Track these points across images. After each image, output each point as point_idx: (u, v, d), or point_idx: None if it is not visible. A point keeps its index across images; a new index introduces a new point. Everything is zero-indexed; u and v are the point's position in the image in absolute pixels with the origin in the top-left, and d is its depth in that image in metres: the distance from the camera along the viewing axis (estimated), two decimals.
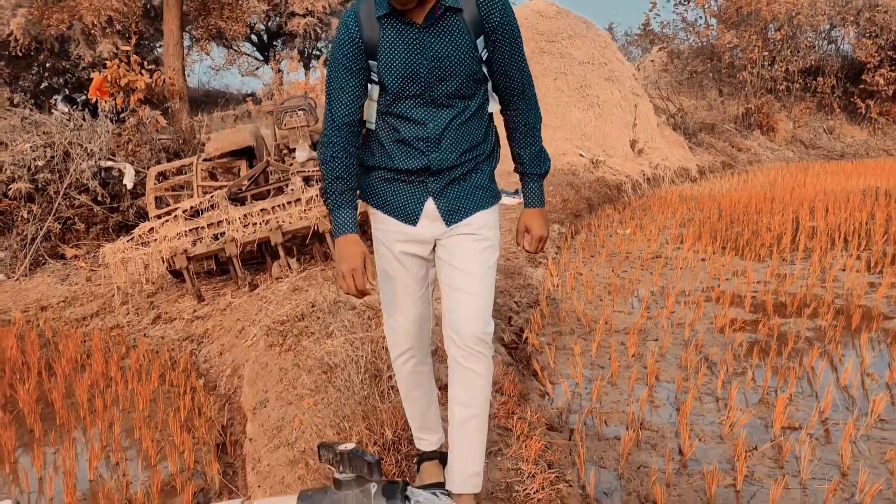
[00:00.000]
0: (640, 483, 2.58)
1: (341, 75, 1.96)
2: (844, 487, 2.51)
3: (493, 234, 2.12)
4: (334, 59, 1.97)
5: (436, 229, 2.09)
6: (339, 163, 1.99)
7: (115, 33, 17.62)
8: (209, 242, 6.04)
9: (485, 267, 2.08)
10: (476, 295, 2.04)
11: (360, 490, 1.23)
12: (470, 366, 2.04)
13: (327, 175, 2.01)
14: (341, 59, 1.96)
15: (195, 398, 4.39)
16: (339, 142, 1.99)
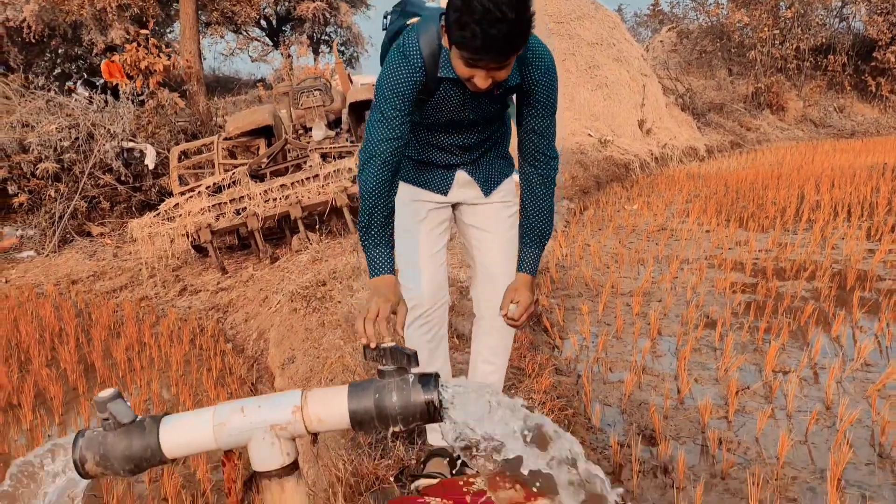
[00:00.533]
0: (640, 416, 2.83)
1: (391, 111, 1.90)
2: (827, 418, 2.75)
3: (516, 199, 2.31)
4: (388, 91, 1.90)
5: (463, 195, 2.27)
6: (379, 184, 1.91)
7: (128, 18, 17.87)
8: (232, 217, 6.31)
9: (512, 232, 2.25)
10: (506, 257, 2.23)
11: (401, 378, 1.48)
12: (499, 325, 2.21)
13: (366, 202, 1.94)
14: (394, 97, 1.90)
15: (225, 360, 4.67)
16: (381, 157, 1.92)
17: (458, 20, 1.66)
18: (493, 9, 1.61)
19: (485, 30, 1.62)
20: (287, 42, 26.58)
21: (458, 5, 1.66)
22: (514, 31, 1.64)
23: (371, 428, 1.53)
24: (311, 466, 2.38)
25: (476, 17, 1.62)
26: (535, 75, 1.94)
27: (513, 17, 1.62)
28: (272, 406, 1.49)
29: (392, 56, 1.94)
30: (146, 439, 1.46)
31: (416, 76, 1.90)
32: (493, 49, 1.66)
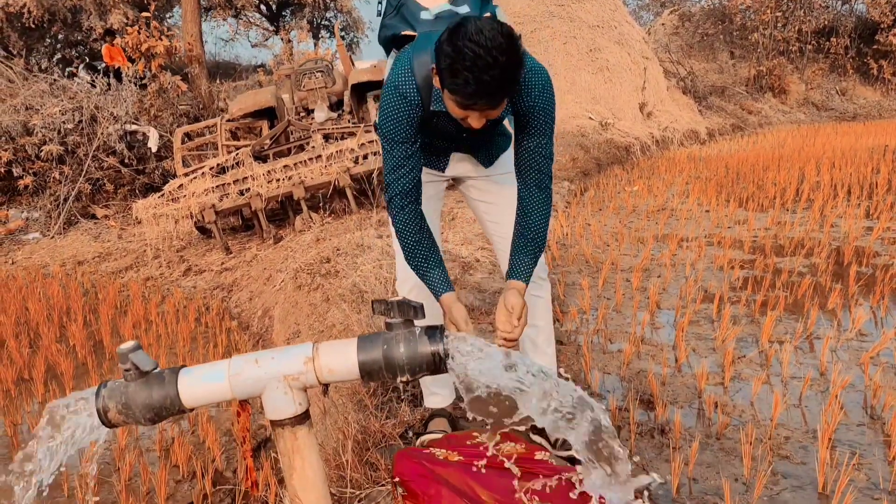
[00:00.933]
0: (639, 383, 2.90)
1: (398, 148, 1.95)
2: (820, 384, 2.82)
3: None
4: (391, 132, 1.94)
5: (462, 169, 2.34)
6: (411, 218, 1.98)
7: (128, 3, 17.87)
8: (235, 197, 6.37)
9: None
10: None
11: (408, 330, 1.55)
12: (533, 292, 2.29)
13: (405, 235, 1.99)
14: (398, 134, 1.94)
15: (230, 336, 4.75)
16: (403, 191, 1.96)
17: (449, 67, 1.66)
18: (485, 55, 1.61)
19: (477, 76, 1.63)
20: (287, 27, 26.53)
21: (449, 52, 1.66)
22: (507, 75, 1.66)
23: (380, 378, 1.60)
24: (320, 424, 2.45)
25: (468, 65, 1.62)
26: (530, 100, 1.94)
27: (504, 61, 1.63)
28: (285, 357, 1.57)
29: (389, 94, 1.95)
30: (166, 389, 1.53)
31: (414, 113, 1.94)
32: (486, 94, 1.67)
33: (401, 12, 2.12)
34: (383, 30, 2.20)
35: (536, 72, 1.95)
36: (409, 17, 2.10)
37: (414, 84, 1.93)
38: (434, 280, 1.98)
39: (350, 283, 4.04)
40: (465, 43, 1.62)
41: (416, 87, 1.93)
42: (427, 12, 2.07)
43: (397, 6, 2.13)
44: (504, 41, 1.63)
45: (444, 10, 2.05)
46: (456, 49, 1.64)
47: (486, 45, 1.61)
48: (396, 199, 1.97)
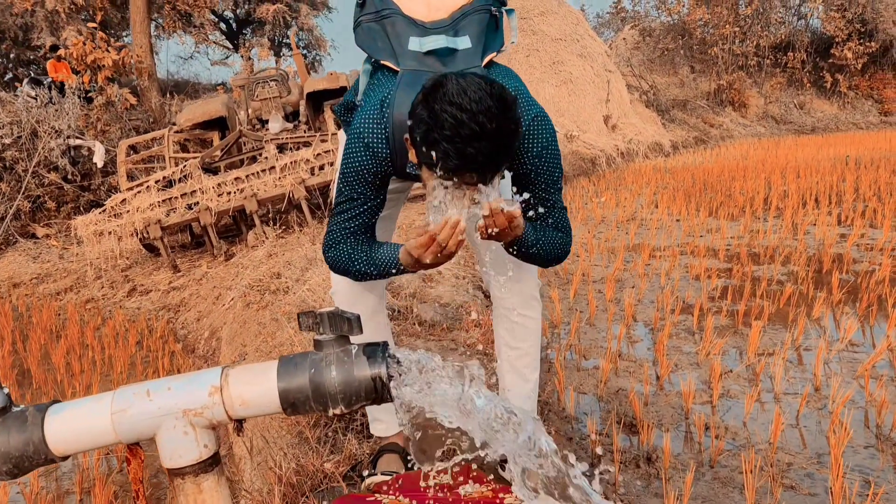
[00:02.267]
0: (618, 403, 2.61)
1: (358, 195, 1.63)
2: (817, 400, 2.56)
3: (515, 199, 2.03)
4: (352, 178, 1.62)
5: None
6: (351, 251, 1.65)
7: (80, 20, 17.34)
8: (183, 212, 5.99)
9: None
10: None
11: (342, 349, 1.23)
12: (526, 313, 1.95)
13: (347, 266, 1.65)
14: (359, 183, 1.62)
15: (173, 360, 4.37)
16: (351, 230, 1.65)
17: (425, 137, 1.34)
18: (468, 121, 1.30)
19: (460, 148, 1.31)
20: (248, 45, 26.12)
21: (424, 118, 1.34)
22: (497, 146, 1.33)
23: (307, 409, 1.26)
24: (245, 462, 2.11)
25: (447, 134, 1.31)
26: (531, 158, 1.59)
27: (493, 129, 1.31)
28: (185, 387, 1.23)
29: (353, 142, 1.61)
30: (28, 432, 1.18)
31: (382, 168, 1.61)
32: (472, 169, 1.35)
33: (383, 25, 1.67)
34: (360, 33, 1.75)
35: (538, 121, 1.60)
36: (392, 38, 1.65)
37: (384, 141, 1.58)
38: (384, 253, 1.61)
39: (298, 299, 3.70)
40: (444, 107, 1.31)
41: (386, 144, 1.58)
42: (416, 42, 1.62)
43: (380, 12, 1.68)
44: (494, 104, 1.32)
45: (439, 45, 1.61)
46: (432, 114, 1.32)
47: (471, 110, 1.30)
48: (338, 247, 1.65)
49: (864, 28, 21.59)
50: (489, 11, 1.65)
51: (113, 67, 8.56)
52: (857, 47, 21.33)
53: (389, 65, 1.63)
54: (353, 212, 1.63)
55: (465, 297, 3.83)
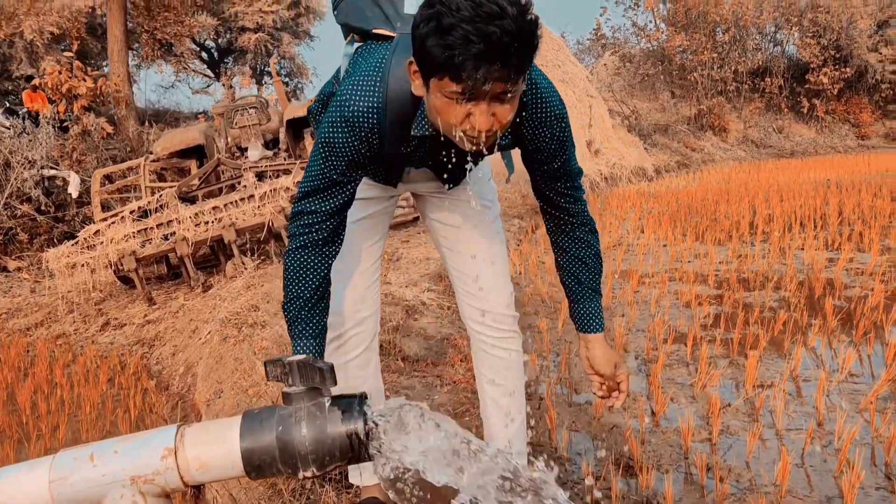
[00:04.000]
0: (614, 442, 2.47)
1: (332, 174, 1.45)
2: (821, 436, 2.43)
3: (496, 202, 1.88)
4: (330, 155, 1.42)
5: (415, 187, 1.81)
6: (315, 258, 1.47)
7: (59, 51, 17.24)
8: (159, 243, 5.82)
9: (492, 228, 1.82)
10: (486, 256, 1.80)
11: (313, 403, 1.09)
12: (506, 346, 1.83)
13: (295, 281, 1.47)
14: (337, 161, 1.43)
15: (146, 398, 4.18)
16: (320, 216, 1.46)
17: (437, 28, 1.17)
18: (488, 2, 1.16)
19: (480, 28, 1.15)
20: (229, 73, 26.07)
21: (432, 13, 1.18)
22: (521, 30, 1.18)
23: (273, 472, 1.11)
24: None
25: (465, 15, 1.15)
26: (537, 127, 1.48)
27: (517, 11, 1.17)
28: (134, 450, 1.08)
29: (333, 113, 1.40)
30: None
31: (365, 148, 1.42)
32: (496, 54, 1.16)
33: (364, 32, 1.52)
34: (342, 9, 1.57)
35: (544, 90, 1.48)
36: (384, 5, 1.51)
37: (374, 112, 1.39)
38: (301, 347, 1.47)
39: (275, 334, 3.54)
40: None
41: (376, 115, 1.39)
42: (414, 3, 1.44)
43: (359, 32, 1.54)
44: None
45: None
46: (443, 3, 1.17)
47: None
48: (302, 229, 1.47)
49: (839, 54, 21.93)
50: None
51: (89, 96, 8.41)
52: (833, 73, 21.64)
53: (384, 31, 1.46)
54: (328, 185, 1.44)
55: (451, 330, 3.70)
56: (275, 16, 25.36)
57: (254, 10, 24.61)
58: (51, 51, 16.81)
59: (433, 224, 1.88)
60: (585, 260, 1.64)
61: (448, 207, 1.82)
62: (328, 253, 1.49)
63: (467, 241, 1.81)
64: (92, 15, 18.05)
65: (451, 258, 1.86)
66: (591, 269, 1.65)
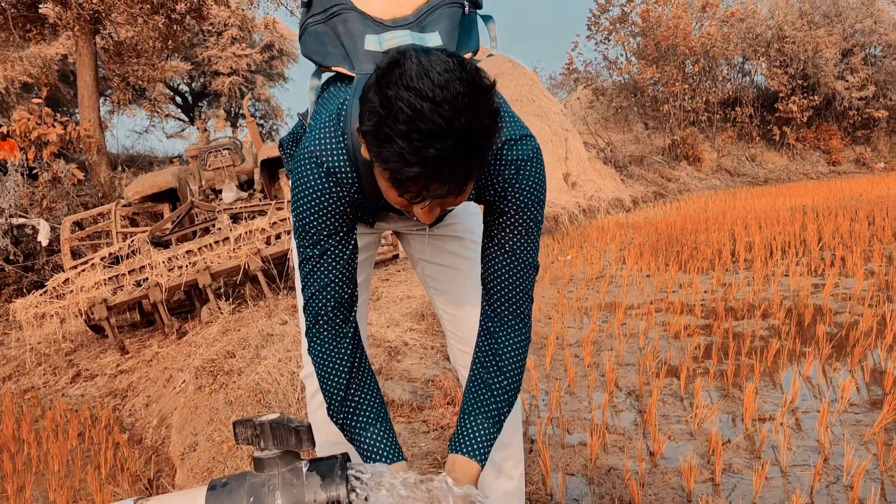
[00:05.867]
0: (611, 486, 2.34)
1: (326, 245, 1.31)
2: (828, 472, 2.32)
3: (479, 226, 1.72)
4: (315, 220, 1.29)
5: (394, 225, 1.69)
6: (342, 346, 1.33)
7: (30, 100, 17.10)
8: (131, 290, 5.65)
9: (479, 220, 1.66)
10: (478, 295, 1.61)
11: (288, 469, 0.96)
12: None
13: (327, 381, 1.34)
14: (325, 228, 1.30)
15: (118, 454, 3.98)
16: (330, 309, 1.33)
17: (376, 130, 1.04)
18: (429, 113, 0.99)
19: (418, 149, 1.01)
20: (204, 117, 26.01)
21: (376, 107, 1.04)
22: (469, 147, 1.03)
23: None
24: None
25: (401, 129, 1.01)
26: (518, 197, 1.31)
27: (463, 125, 1.01)
28: None
29: (305, 166, 1.27)
30: None
31: (346, 196, 1.29)
32: (435, 176, 1.04)
33: (334, 24, 1.39)
34: (306, 40, 1.45)
35: (529, 156, 1.31)
36: (344, 39, 1.37)
37: (345, 157, 1.26)
38: (368, 442, 1.31)
39: (251, 383, 3.39)
40: (399, 93, 1.01)
41: (348, 162, 1.26)
42: (374, 40, 1.34)
43: (328, 10, 1.40)
44: (464, 91, 1.01)
45: (404, 42, 1.31)
46: (385, 102, 1.02)
47: (433, 98, 1.00)
48: (320, 325, 1.33)
49: (807, 82, 22.35)
50: (461, 6, 1.39)
51: (58, 143, 8.26)
52: (802, 101, 22.02)
53: (343, 70, 1.34)
54: (325, 264, 1.30)
55: (435, 371, 3.56)
56: (248, 59, 25.44)
57: (227, 55, 24.68)
58: (22, 100, 16.66)
59: (420, 264, 1.76)
60: (507, 377, 1.38)
61: (433, 245, 1.69)
62: (351, 331, 1.35)
63: (456, 282, 1.68)
64: (64, 62, 17.95)
65: (439, 299, 1.74)
66: (508, 386, 1.38)
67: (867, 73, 22.70)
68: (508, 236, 1.35)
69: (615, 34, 22.06)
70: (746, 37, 22.28)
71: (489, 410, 1.36)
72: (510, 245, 1.35)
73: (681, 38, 20.22)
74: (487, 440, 1.35)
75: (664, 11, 20.99)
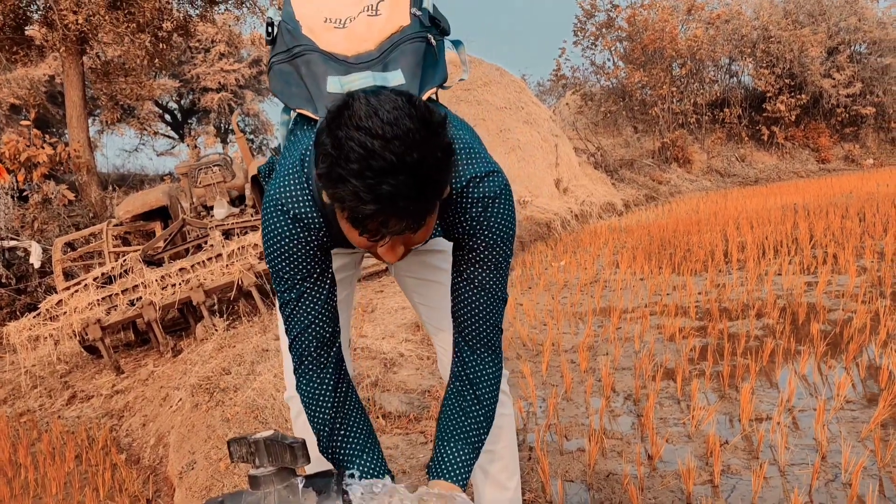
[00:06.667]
0: (611, 491, 2.34)
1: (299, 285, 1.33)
2: (826, 469, 2.33)
3: None
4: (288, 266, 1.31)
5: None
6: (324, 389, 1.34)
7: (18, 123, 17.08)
8: (125, 309, 5.63)
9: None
10: None
11: (284, 486, 0.96)
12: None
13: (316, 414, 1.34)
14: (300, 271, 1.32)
15: (115, 475, 3.96)
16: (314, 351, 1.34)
17: (329, 172, 1.05)
18: (380, 150, 1.00)
19: (372, 186, 1.01)
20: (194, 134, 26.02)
21: (328, 150, 1.05)
22: (423, 182, 1.04)
23: None
24: None
25: (354, 168, 1.02)
26: (487, 233, 1.31)
27: (415, 160, 1.02)
28: None
29: (273, 214, 1.29)
30: None
31: (315, 239, 1.30)
32: (391, 212, 1.05)
33: (296, 65, 1.39)
34: (272, 77, 1.45)
35: (496, 192, 1.32)
36: (307, 80, 1.38)
37: (310, 202, 1.27)
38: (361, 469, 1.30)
39: (247, 400, 3.38)
40: (349, 133, 1.03)
41: (313, 206, 1.27)
42: (336, 83, 1.34)
43: (290, 50, 1.41)
44: (414, 126, 1.03)
45: (365, 84, 1.31)
46: (336, 143, 1.04)
47: (383, 135, 1.01)
48: (305, 365, 1.34)
49: (794, 82, 22.50)
50: (425, 40, 1.40)
51: (48, 164, 8.24)
52: (789, 100, 22.15)
53: (307, 113, 1.35)
54: (305, 305, 1.31)
55: (432, 381, 3.56)
56: (237, 75, 25.47)
57: (215, 71, 24.70)
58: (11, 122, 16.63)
59: (405, 281, 1.76)
60: (482, 405, 1.40)
61: (417, 260, 1.70)
62: (336, 364, 1.36)
63: (442, 294, 1.66)
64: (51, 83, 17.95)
65: (427, 314, 1.74)
66: (483, 414, 1.39)
67: (853, 70, 22.86)
68: (478, 272, 1.35)
69: (602, 39, 22.18)
70: (732, 38, 22.43)
71: (468, 437, 1.38)
72: (480, 280, 1.36)
73: (667, 41, 20.33)
74: (467, 465, 1.37)
75: (650, 15, 21.12)
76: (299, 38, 1.39)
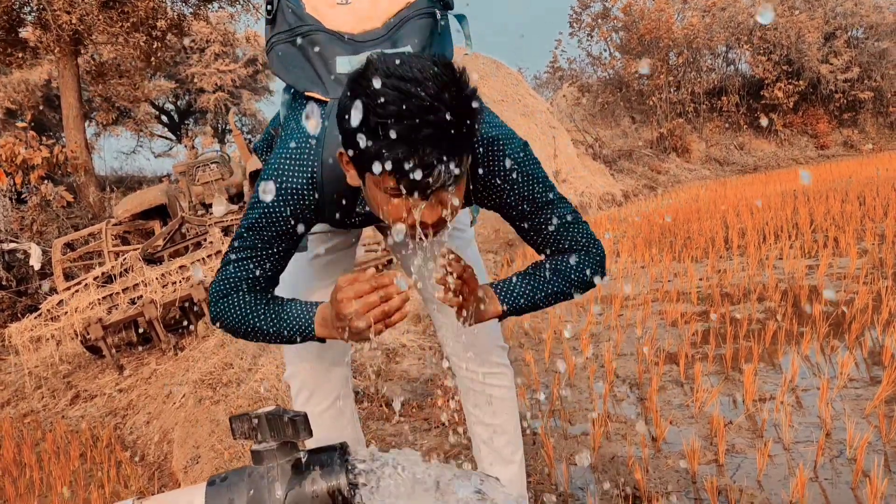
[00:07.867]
0: (616, 472, 2.34)
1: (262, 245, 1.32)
2: (831, 446, 2.32)
3: (468, 226, 1.75)
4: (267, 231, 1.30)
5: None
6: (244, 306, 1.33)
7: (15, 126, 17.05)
8: (126, 308, 5.63)
9: (471, 257, 1.68)
10: None
11: (287, 460, 0.96)
12: (493, 382, 1.68)
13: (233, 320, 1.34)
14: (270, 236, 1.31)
15: (120, 471, 3.96)
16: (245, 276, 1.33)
17: (367, 125, 1.04)
18: (417, 91, 1.01)
19: (412, 126, 1.01)
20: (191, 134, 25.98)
21: (361, 99, 1.04)
22: (460, 117, 1.04)
23: None
24: None
25: (392, 110, 1.01)
26: (510, 182, 1.32)
27: (451, 96, 1.03)
28: None
29: (267, 184, 1.28)
30: None
31: (302, 216, 1.30)
32: (432, 153, 1.03)
33: (301, 46, 1.35)
34: (273, 59, 1.41)
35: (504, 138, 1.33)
36: (314, 61, 1.33)
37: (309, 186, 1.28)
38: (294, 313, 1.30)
39: (250, 391, 3.38)
40: (382, 81, 1.02)
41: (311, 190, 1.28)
42: (346, 62, 1.31)
43: (294, 29, 1.36)
44: (441, 70, 1.04)
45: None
46: (369, 93, 1.03)
47: (416, 78, 1.02)
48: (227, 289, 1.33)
49: (791, 68, 22.45)
50: (433, 15, 1.38)
51: (45, 166, 8.23)
52: (787, 87, 22.11)
53: (316, 95, 1.32)
54: (253, 262, 1.31)
55: (435, 370, 3.55)
56: (233, 74, 25.41)
57: (211, 71, 24.65)
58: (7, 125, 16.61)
59: (406, 259, 1.75)
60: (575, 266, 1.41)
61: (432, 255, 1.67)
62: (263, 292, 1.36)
63: None
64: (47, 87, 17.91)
65: (427, 290, 1.73)
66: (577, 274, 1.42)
67: (850, 55, 22.81)
68: (539, 219, 1.38)
69: (598, 30, 22.13)
70: (728, 25, 22.36)
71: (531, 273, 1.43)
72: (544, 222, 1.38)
73: (664, 30, 20.28)
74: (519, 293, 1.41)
75: (646, 4, 21.08)
76: (303, 17, 1.35)
